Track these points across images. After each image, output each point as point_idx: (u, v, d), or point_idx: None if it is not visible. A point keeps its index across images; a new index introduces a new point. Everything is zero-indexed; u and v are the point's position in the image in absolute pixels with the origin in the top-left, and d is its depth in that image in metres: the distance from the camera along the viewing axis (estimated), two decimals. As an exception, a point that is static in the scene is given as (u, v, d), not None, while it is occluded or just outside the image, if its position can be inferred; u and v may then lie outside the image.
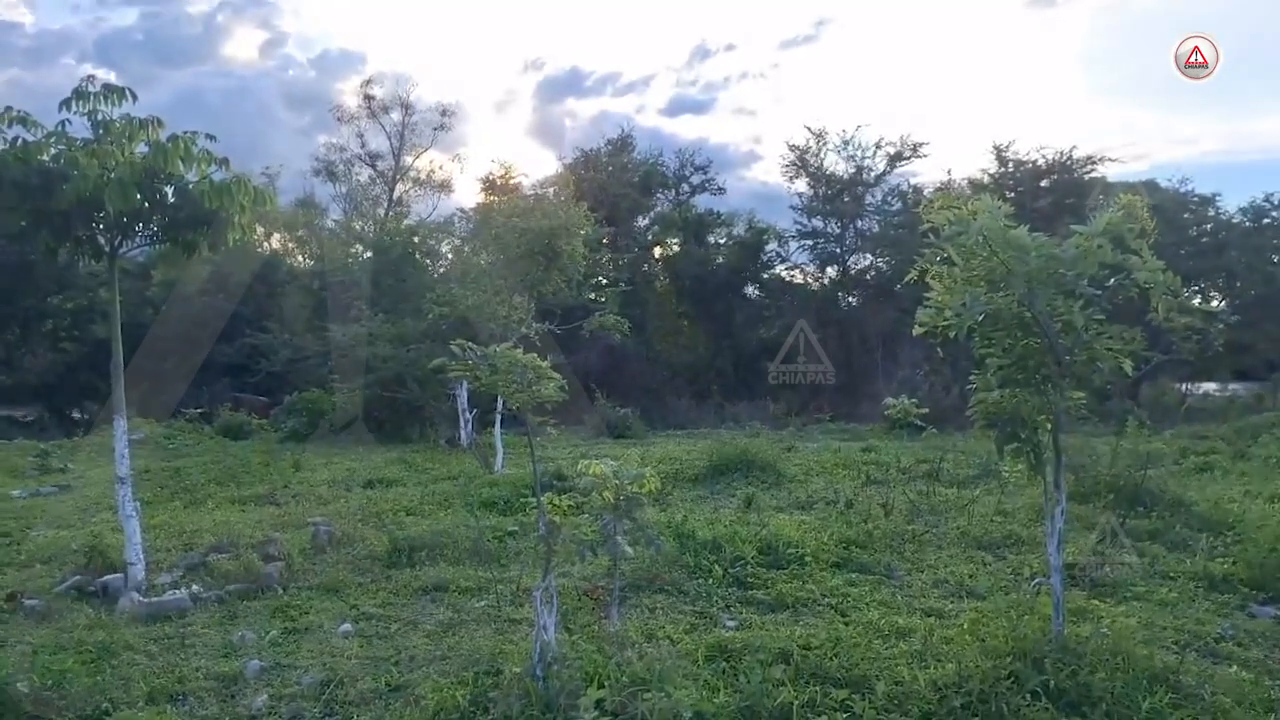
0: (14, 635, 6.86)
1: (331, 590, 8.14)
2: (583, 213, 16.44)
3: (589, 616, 7.21)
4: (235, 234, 8.40)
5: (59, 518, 11.79)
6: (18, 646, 6.55)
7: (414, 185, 39.39)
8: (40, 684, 5.31)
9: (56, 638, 6.75)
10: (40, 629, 7.02)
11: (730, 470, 13.81)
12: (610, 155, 35.17)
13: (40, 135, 7.62)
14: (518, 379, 6.19)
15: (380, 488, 13.81)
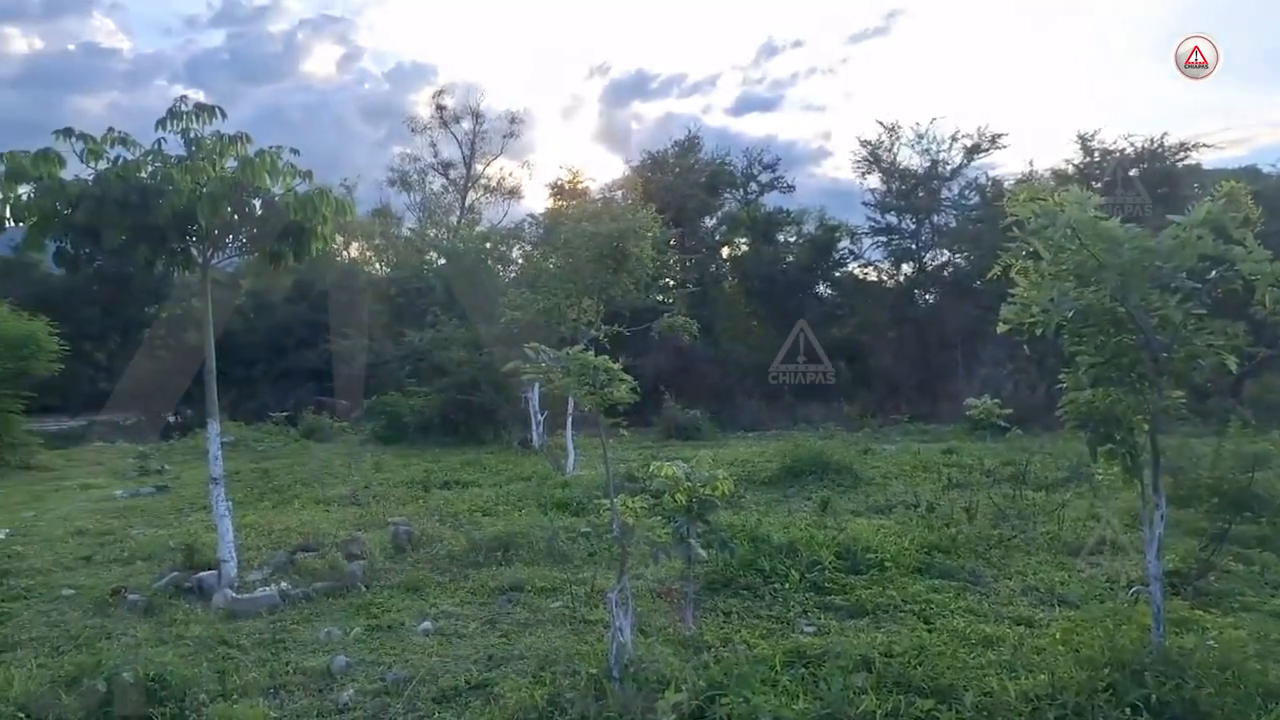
0: (119, 628, 7.21)
1: (412, 589, 8.33)
2: (651, 215, 16.47)
3: (664, 619, 7.21)
4: (318, 244, 8.70)
5: (157, 517, 12.35)
6: (123, 639, 6.89)
7: (485, 192, 40.18)
8: (144, 675, 5.56)
9: (157, 631, 7.08)
10: (142, 623, 7.36)
11: (804, 473, 13.64)
12: (677, 156, 35.12)
13: (138, 154, 8.01)
14: (590, 381, 6.25)
15: (456, 488, 14.07)
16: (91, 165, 7.86)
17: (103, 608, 7.76)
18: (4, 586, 8.38)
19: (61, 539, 10.69)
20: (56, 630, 7.17)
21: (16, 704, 5.32)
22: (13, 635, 7.01)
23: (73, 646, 6.71)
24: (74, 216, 7.76)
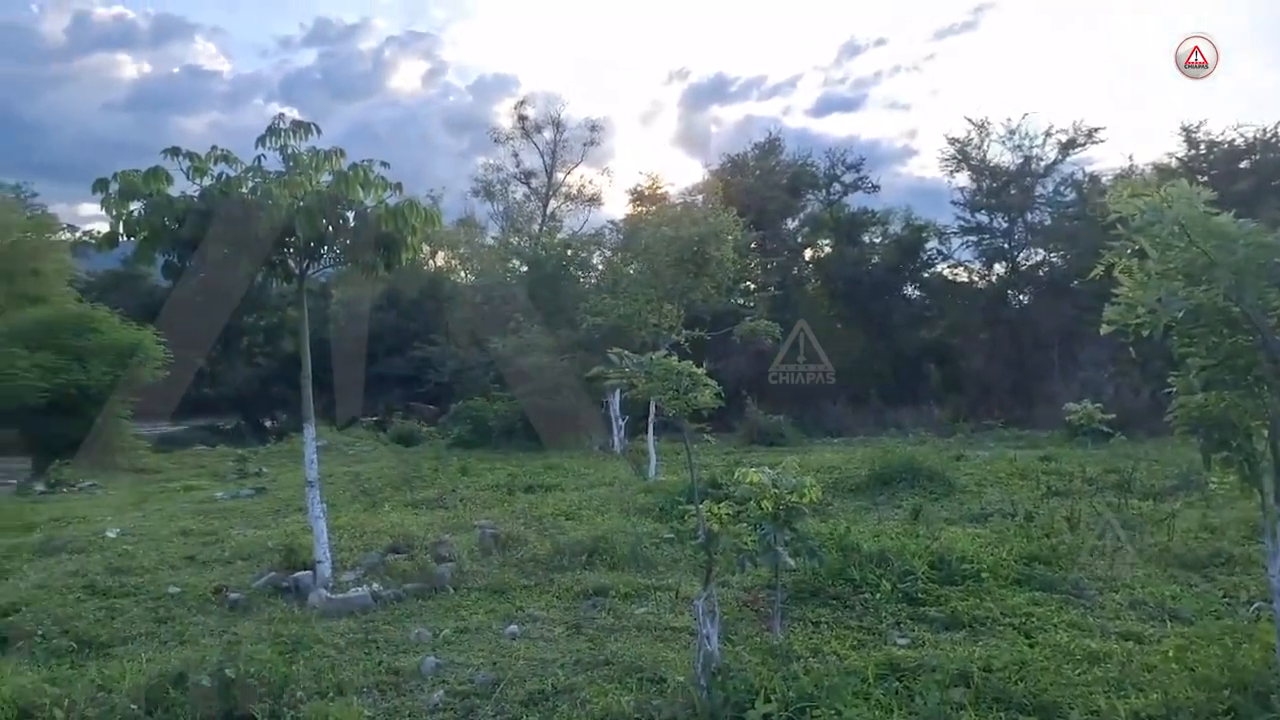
0: (221, 625, 7.50)
1: (498, 592, 8.42)
2: (732, 218, 16.35)
3: (750, 628, 7.09)
4: (408, 254, 8.91)
5: (256, 518, 12.83)
6: (224, 636, 7.15)
7: (566, 200, 40.62)
8: (245, 672, 5.76)
9: (256, 629, 7.32)
10: (242, 620, 7.64)
11: (894, 480, 13.28)
12: (757, 159, 34.84)
13: (240, 170, 8.35)
14: (674, 386, 6.21)
15: (540, 492, 14.21)
16: (197, 182, 8.24)
17: (206, 605, 8.09)
18: (115, 584, 8.79)
19: (167, 538, 11.20)
20: (164, 627, 7.49)
21: (129, 697, 5.57)
22: (124, 630, 7.35)
23: (179, 643, 7.00)
24: (181, 231, 8.14)
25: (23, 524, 12.95)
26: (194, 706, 5.50)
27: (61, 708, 5.43)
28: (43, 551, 10.30)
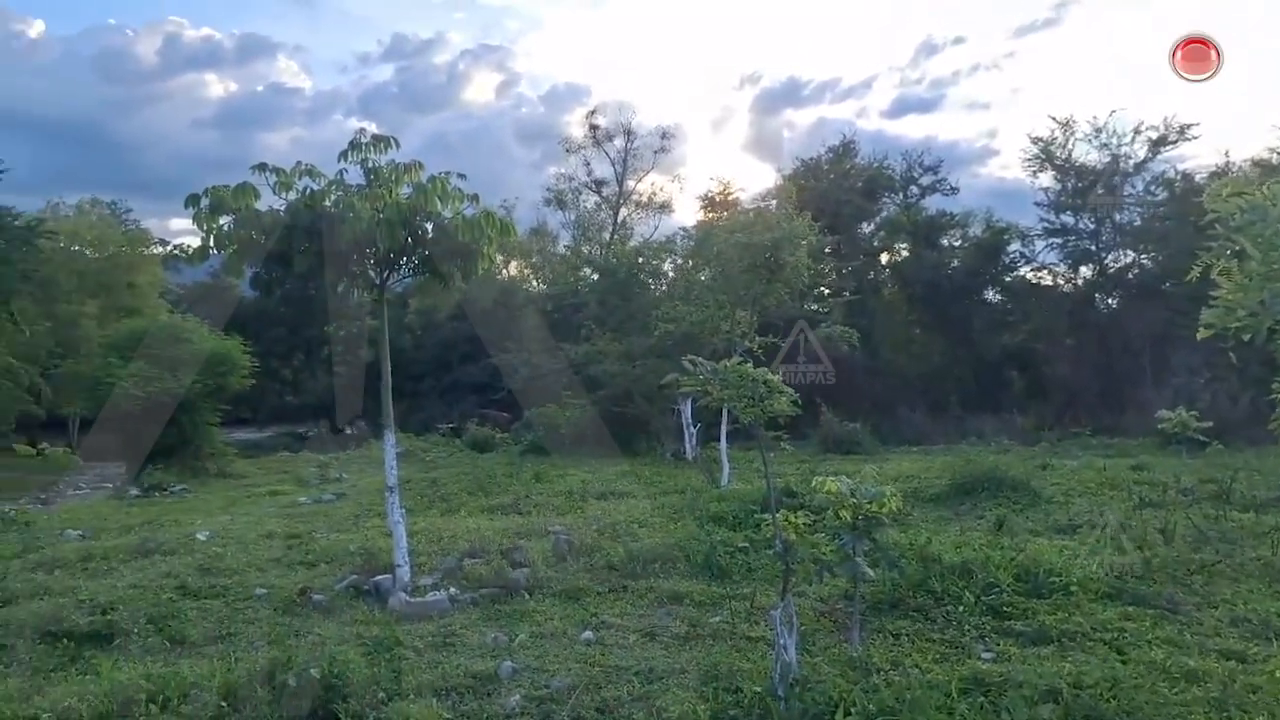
0: (306, 627, 7.70)
1: (573, 597, 8.45)
2: (806, 223, 16.14)
3: (828, 639, 6.96)
4: (484, 263, 9.04)
5: (337, 522, 13.15)
6: (309, 637, 7.34)
7: (637, 208, 40.73)
8: (329, 673, 5.89)
9: (339, 631, 7.50)
10: (326, 622, 7.83)
11: (976, 489, 12.90)
12: (831, 162, 34.40)
13: (323, 184, 8.60)
14: (749, 394, 6.13)
15: (612, 499, 14.22)
16: (282, 196, 8.52)
17: (291, 607, 8.32)
18: (206, 584, 9.12)
19: (254, 541, 11.56)
20: (251, 627, 7.74)
21: (219, 695, 5.75)
22: (214, 630, 7.62)
23: (266, 643, 7.20)
24: (268, 244, 8.42)
25: (119, 526, 13.54)
26: (281, 705, 5.65)
27: (156, 703, 5.65)
28: (137, 553, 10.73)
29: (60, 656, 6.83)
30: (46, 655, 6.85)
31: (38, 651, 6.93)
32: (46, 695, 5.73)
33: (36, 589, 8.87)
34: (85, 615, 7.69)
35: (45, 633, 7.36)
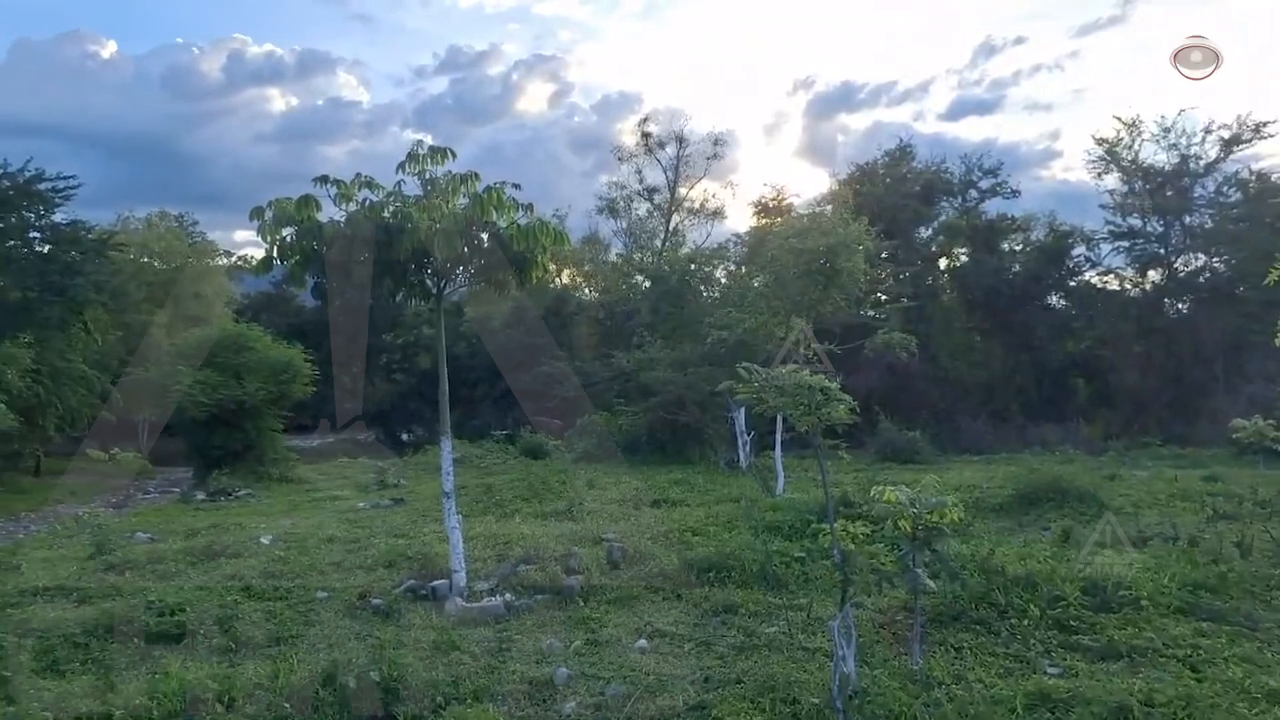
0: (365, 629, 7.81)
1: (627, 605, 8.44)
2: (863, 228, 15.92)
3: (888, 651, 6.82)
4: (538, 272, 9.10)
5: (395, 527, 13.32)
6: (368, 640, 7.44)
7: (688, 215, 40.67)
8: (389, 676, 5.97)
9: (398, 635, 7.59)
10: (385, 625, 7.93)
11: (1040, 500, 12.57)
12: (888, 166, 33.85)
13: (381, 195, 8.75)
14: (806, 401, 6.06)
15: (665, 507, 14.17)
16: (343, 208, 8.69)
17: (351, 610, 8.45)
18: (269, 587, 9.32)
19: (315, 546, 11.77)
20: (313, 629, 7.87)
21: (283, 695, 5.87)
22: (277, 632, 7.76)
23: (327, 645, 7.33)
24: (329, 254, 8.59)
25: (186, 529, 13.92)
26: (342, 706, 5.74)
27: (223, 703, 5.79)
28: (204, 555, 11.02)
29: (132, 655, 7.04)
30: (119, 653, 7.06)
31: (110, 650, 7.14)
32: (120, 693, 5.91)
33: (109, 589, 9.17)
34: (154, 616, 7.90)
35: (118, 632, 7.59)
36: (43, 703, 5.81)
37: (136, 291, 31.35)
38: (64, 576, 9.86)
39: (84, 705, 5.72)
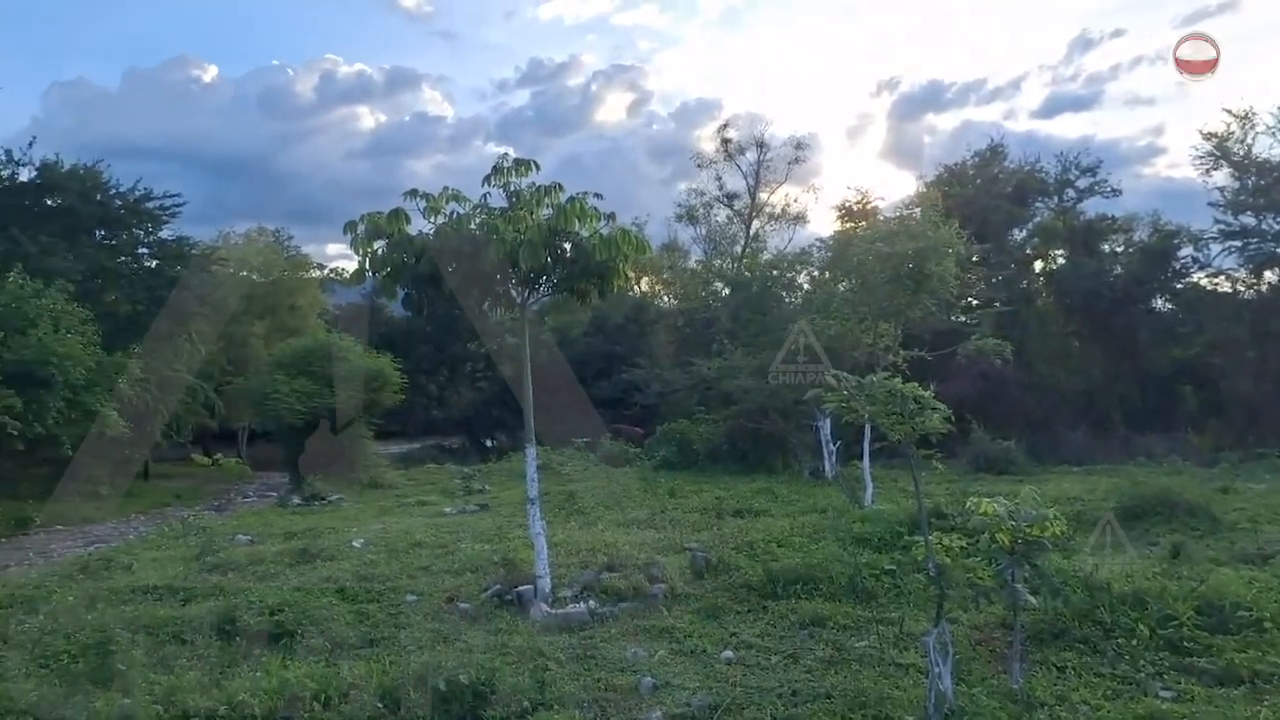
0: (453, 633, 7.92)
1: (711, 615, 8.35)
2: (953, 230, 15.45)
3: (985, 669, 6.57)
4: (619, 281, 9.13)
5: (481, 532, 13.53)
6: (456, 644, 7.55)
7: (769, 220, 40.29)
8: (476, 679, 6.03)
9: (485, 639, 7.67)
10: (472, 630, 8.04)
11: (1146, 513, 11.99)
12: (978, 167, 32.75)
13: (468, 208, 8.92)
14: (898, 409, 5.88)
15: (749, 517, 14.00)
16: (431, 220, 8.90)
17: (439, 613, 8.60)
18: (362, 590, 9.56)
19: (404, 550, 12.05)
20: (403, 632, 8.02)
21: (375, 695, 5.99)
22: (370, 633, 7.96)
23: (417, 648, 7.45)
24: (419, 266, 8.81)
25: (283, 532, 14.46)
26: (432, 709, 5.83)
27: (320, 701, 5.95)
28: (300, 558, 11.40)
29: (234, 653, 7.30)
30: (223, 651, 7.33)
31: (215, 647, 7.43)
32: (224, 689, 6.12)
33: (213, 589, 9.55)
34: (255, 615, 8.19)
35: (221, 630, 7.90)
36: (154, 696, 6.07)
37: (236, 304, 32.75)
38: (171, 576, 10.32)
39: (191, 700, 5.94)
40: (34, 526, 16.77)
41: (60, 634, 7.82)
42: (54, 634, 7.83)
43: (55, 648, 7.47)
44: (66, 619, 8.20)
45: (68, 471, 19.82)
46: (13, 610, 8.53)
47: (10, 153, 23.22)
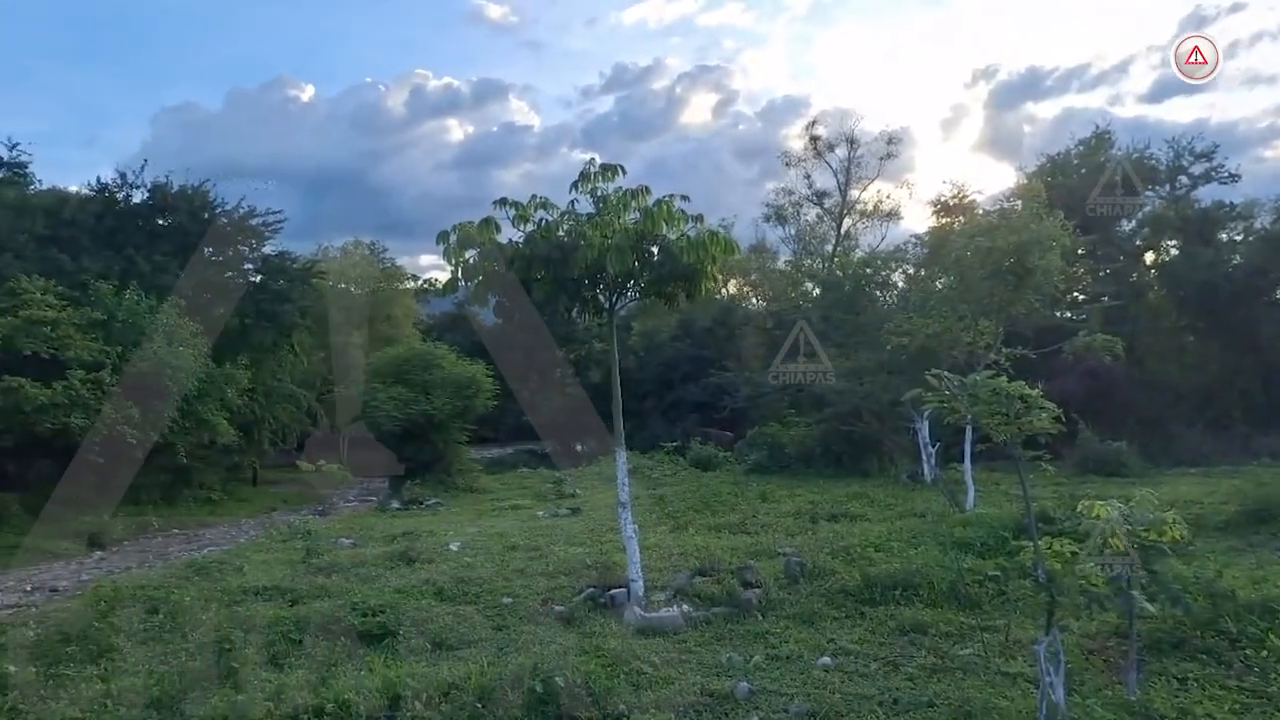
0: (548, 635, 8.01)
1: (807, 621, 8.21)
2: (1058, 223, 14.79)
3: (1099, 679, 6.26)
4: (707, 283, 9.08)
5: (573, 536, 13.67)
6: (552, 645, 7.62)
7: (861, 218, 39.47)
8: (572, 681, 6.08)
9: (579, 641, 7.72)
10: (566, 632, 8.11)
11: (1273, 517, 11.25)
12: (1082, 156, 31.21)
13: (556, 215, 9.02)
14: (1004, 410, 5.65)
15: (844, 521, 13.73)
16: (520, 229, 9.03)
17: (534, 615, 8.72)
18: (459, 591, 9.78)
19: (499, 553, 12.28)
20: (500, 634, 8.17)
21: (474, 695, 6.10)
22: (468, 634, 8.11)
23: (514, 649, 7.56)
24: (509, 274, 8.96)
25: (383, 535, 14.92)
26: (530, 710, 5.90)
27: (421, 701, 6.09)
28: (400, 560, 11.74)
29: (340, 652, 7.55)
30: (329, 650, 7.60)
31: (321, 647, 7.70)
32: (330, 687, 6.33)
33: (318, 590, 9.92)
34: (359, 616, 8.45)
35: (327, 630, 8.18)
36: (265, 693, 6.32)
37: (336, 315, 34.13)
38: (279, 578, 10.76)
39: (299, 697, 6.17)
40: (153, 529, 17.74)
41: (178, 632, 8.26)
42: (173, 632, 8.27)
43: (172, 645, 7.88)
44: (184, 618, 8.65)
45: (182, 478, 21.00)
46: (135, 609, 9.00)
47: (125, 176, 24.61)
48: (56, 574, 12.88)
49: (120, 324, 19.23)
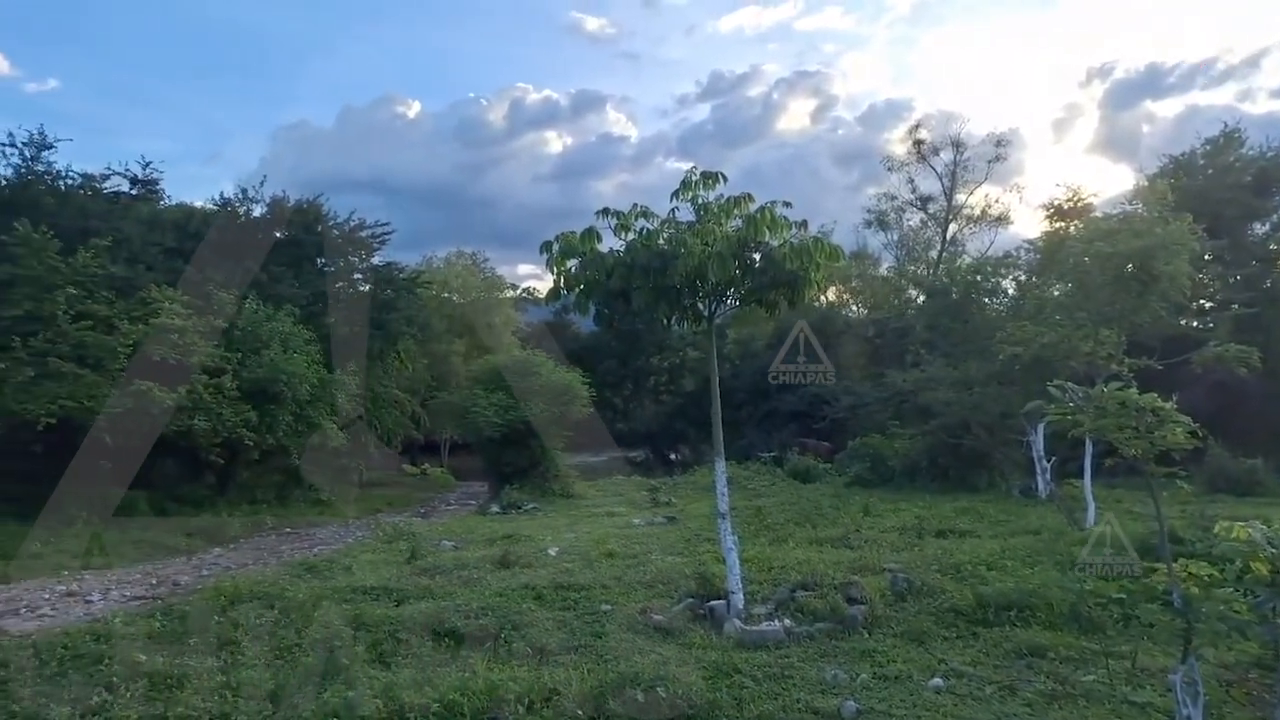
0: (647, 645, 7.94)
1: (916, 640, 7.92)
2: (1186, 226, 13.89)
3: (1240, 713, 5.82)
4: (810, 290, 8.90)
5: (670, 545, 13.59)
6: (651, 655, 7.55)
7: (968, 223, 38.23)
8: (674, 692, 6.01)
9: (679, 652, 7.63)
10: (665, 643, 8.02)
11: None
12: (1209, 156, 29.32)
13: (656, 224, 9.01)
14: (1133, 423, 5.32)
15: (953, 538, 13.22)
16: (621, 237, 9.05)
17: (633, 624, 8.65)
18: (558, 597, 9.82)
19: (597, 559, 12.30)
20: (599, 641, 8.14)
21: (575, 702, 6.10)
22: (567, 640, 8.13)
23: (613, 657, 7.53)
24: (610, 283, 8.98)
25: (483, 538, 15.17)
26: (629, 718, 5.85)
27: (523, 705, 6.13)
28: (500, 564, 11.88)
29: (444, 653, 7.68)
30: (433, 651, 7.74)
31: (426, 647, 7.85)
32: (436, 687, 6.44)
33: (423, 591, 10.13)
34: (461, 618, 8.61)
35: (431, 631, 8.35)
36: (373, 690, 6.47)
37: (439, 324, 35.14)
38: (386, 578, 11.03)
39: (407, 696, 6.28)
40: (267, 528, 18.54)
41: (291, 628, 8.56)
42: (286, 628, 8.58)
43: (287, 641, 8.15)
44: (296, 615, 8.97)
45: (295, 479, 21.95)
46: (251, 605, 9.39)
47: (245, 191, 26.01)
48: (178, 569, 13.55)
49: (240, 332, 20.28)
